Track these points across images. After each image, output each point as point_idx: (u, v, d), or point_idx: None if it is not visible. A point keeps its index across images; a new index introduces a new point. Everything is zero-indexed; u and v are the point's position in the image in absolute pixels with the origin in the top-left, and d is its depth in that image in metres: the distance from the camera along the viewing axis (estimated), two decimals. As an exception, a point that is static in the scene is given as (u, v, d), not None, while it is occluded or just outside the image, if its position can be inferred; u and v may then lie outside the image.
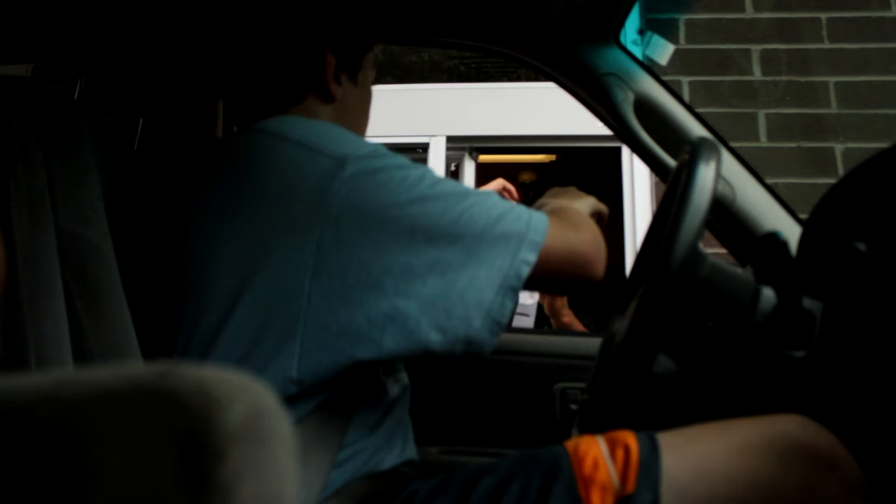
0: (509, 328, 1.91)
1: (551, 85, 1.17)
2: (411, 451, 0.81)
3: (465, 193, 0.69)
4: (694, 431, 0.63)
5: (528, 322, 1.97)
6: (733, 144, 1.05)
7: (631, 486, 0.59)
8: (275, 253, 0.65)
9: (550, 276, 0.71)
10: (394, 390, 0.78)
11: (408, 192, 0.66)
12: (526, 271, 0.67)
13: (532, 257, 0.67)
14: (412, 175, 0.68)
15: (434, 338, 0.65)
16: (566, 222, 0.73)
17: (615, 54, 1.08)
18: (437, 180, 0.70)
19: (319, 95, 0.80)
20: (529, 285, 0.70)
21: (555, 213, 0.75)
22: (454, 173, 2.85)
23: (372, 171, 0.67)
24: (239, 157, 0.71)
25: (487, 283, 0.65)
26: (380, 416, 0.74)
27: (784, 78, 2.56)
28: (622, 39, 1.09)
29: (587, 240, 0.73)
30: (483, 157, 3.23)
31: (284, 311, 0.64)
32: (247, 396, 0.23)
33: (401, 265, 0.64)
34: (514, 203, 0.72)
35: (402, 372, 0.83)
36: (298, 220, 0.65)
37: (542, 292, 1.30)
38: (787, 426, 0.59)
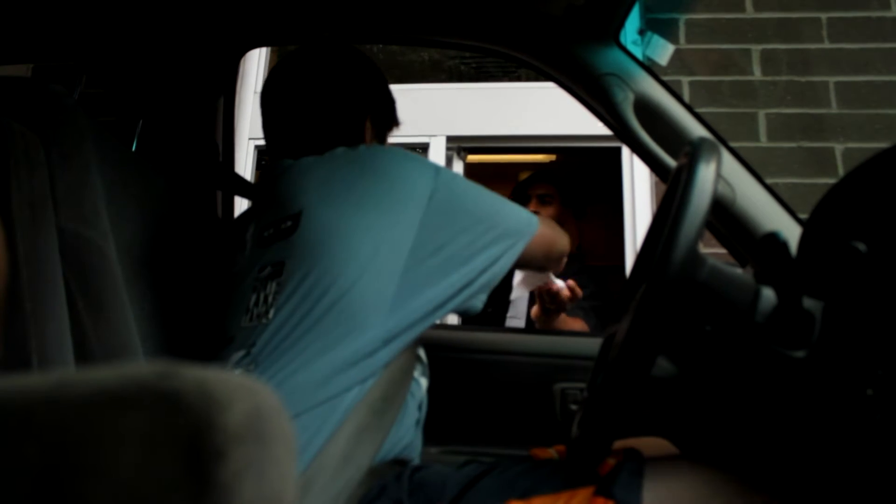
0: (509, 328, 1.92)
1: (551, 85, 1.17)
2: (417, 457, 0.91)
3: (491, 192, 0.94)
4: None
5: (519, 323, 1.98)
6: (733, 144, 1.05)
7: None
8: (391, 233, 0.84)
9: (541, 253, 1.01)
10: (421, 392, 0.93)
11: (474, 192, 0.92)
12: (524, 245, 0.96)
13: (529, 239, 0.95)
14: (467, 181, 0.93)
15: (482, 297, 0.90)
16: (543, 221, 1.01)
17: (615, 54, 1.08)
18: (475, 184, 0.94)
19: None
20: (528, 264, 1.06)
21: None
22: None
23: (452, 178, 0.91)
24: (366, 160, 0.90)
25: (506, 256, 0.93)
26: (410, 413, 0.88)
27: (784, 78, 2.56)
28: (622, 39, 1.09)
29: (556, 229, 1.06)
30: (480, 157, 3.23)
31: (389, 276, 0.82)
32: (247, 397, 0.23)
33: (469, 242, 0.88)
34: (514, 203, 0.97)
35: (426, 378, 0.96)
36: (408, 211, 0.85)
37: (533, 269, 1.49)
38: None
